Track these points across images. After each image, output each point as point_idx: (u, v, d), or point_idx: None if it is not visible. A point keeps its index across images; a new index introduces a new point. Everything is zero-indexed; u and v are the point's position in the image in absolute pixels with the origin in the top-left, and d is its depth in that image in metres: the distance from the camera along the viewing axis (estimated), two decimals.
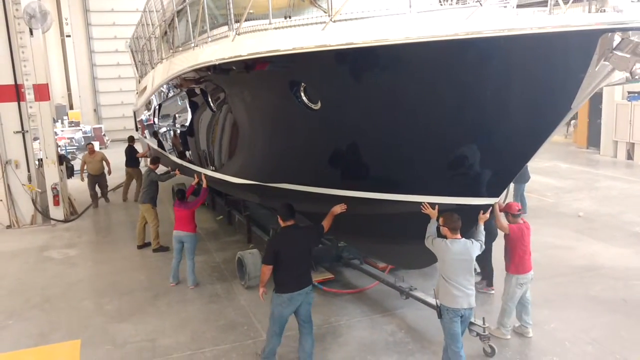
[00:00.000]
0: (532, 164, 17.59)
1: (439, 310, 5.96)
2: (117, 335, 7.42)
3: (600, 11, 4.37)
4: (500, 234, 7.27)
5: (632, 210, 12.40)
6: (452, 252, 5.74)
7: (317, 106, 6.03)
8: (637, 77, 4.41)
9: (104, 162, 14.84)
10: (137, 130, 19.79)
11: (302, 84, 5.98)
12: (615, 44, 4.27)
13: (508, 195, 10.72)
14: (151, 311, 8.12)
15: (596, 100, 19.49)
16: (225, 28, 7.41)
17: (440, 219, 5.88)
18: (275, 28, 6.29)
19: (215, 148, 9.08)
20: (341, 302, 8.14)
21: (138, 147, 16.41)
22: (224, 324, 7.55)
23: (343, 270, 9.26)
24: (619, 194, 14.05)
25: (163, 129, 12.63)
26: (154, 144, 14.40)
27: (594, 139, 19.89)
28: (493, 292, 8.23)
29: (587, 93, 4.91)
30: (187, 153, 10.83)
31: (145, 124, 15.72)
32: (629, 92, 18.22)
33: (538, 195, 13.97)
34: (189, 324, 7.62)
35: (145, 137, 16.52)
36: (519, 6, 6.43)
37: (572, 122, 22.28)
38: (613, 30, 4.22)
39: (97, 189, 14.92)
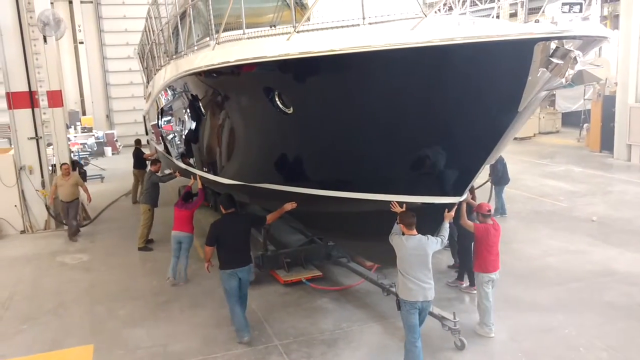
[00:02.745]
0: (545, 168, 17.63)
1: (398, 302, 6.33)
2: (130, 340, 7.46)
3: (535, 21, 4.87)
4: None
5: None
6: (407, 248, 6.05)
7: (290, 110, 6.38)
8: (569, 81, 4.82)
9: (80, 188, 12.39)
10: (146, 134, 19.98)
11: (276, 89, 6.38)
12: (551, 51, 4.67)
13: (491, 197, 11.72)
14: (163, 316, 8.15)
15: (609, 104, 19.32)
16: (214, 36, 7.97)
17: (398, 217, 6.23)
18: (249, 38, 6.87)
19: (205, 150, 9.52)
20: (353, 307, 8.12)
21: (146, 150, 16.60)
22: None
23: (332, 268, 9.54)
24: (633, 198, 13.87)
25: (164, 133, 13.02)
26: (160, 148, 14.65)
27: (607, 143, 19.65)
28: (463, 286, 8.66)
29: (533, 98, 5.25)
30: (185, 155, 11.29)
31: (152, 128, 16.02)
32: None
33: (551, 200, 13.85)
34: (200, 329, 7.64)
35: (159, 142, 16.76)
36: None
37: (585, 125, 22.09)
38: (545, 39, 4.62)
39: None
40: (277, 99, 6.37)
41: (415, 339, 6.13)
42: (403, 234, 6.15)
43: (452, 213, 6.40)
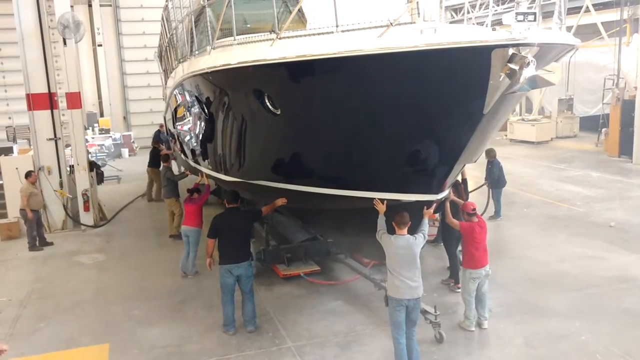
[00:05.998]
0: (562, 173, 17.44)
1: (386, 299, 6.47)
2: (145, 340, 7.52)
3: (493, 29, 5.12)
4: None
5: None
6: (395, 247, 6.20)
7: (279, 111, 6.68)
8: (524, 85, 5.12)
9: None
10: (167, 134, 20.17)
11: (265, 92, 6.68)
12: (508, 58, 4.96)
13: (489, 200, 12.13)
14: (178, 316, 8.20)
15: (628, 108, 19.06)
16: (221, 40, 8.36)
17: (393, 216, 6.36)
18: (239, 44, 7.24)
19: (207, 148, 9.96)
20: (366, 310, 8.11)
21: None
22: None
23: (331, 264, 9.81)
24: None
25: (176, 133, 13.47)
26: (178, 147, 14.93)
27: (626, 148, 19.36)
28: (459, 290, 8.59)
29: (499, 100, 5.51)
30: (192, 154, 11.79)
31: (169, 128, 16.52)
32: None
33: (568, 205, 13.70)
34: (215, 330, 7.67)
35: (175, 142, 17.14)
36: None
37: (604, 130, 21.79)
38: (502, 46, 4.89)
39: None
40: (266, 101, 6.67)
41: (399, 335, 6.24)
42: (393, 232, 6.27)
43: (432, 210, 6.62)
